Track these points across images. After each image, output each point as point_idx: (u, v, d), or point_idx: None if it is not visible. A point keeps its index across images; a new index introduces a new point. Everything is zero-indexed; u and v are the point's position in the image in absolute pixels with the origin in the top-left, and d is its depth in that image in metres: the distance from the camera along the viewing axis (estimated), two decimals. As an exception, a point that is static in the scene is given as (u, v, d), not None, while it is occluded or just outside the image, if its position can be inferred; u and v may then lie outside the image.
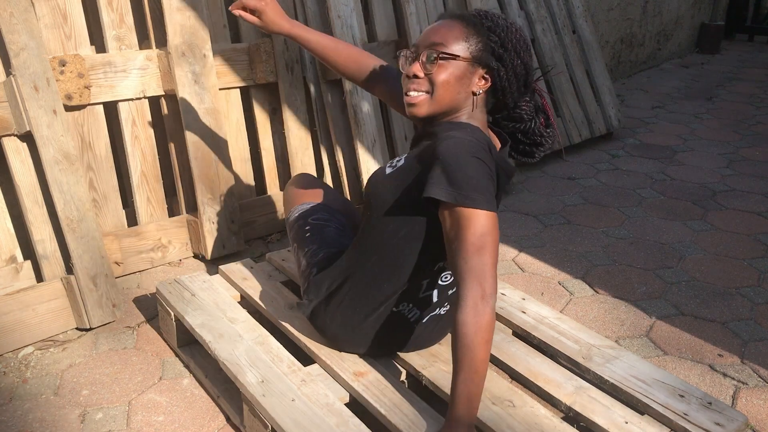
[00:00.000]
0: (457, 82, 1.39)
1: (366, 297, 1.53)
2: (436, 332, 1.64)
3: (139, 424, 1.68)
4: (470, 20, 1.40)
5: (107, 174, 2.30)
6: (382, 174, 1.50)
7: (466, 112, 1.44)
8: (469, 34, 1.39)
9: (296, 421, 1.40)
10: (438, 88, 1.38)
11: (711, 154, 3.71)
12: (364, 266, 1.51)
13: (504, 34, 1.39)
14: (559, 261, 2.52)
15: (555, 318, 1.82)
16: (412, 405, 1.46)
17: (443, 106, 1.41)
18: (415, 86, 1.40)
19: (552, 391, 1.53)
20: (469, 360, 1.24)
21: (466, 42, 1.38)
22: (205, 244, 2.42)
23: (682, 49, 6.36)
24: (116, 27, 2.26)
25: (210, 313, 1.81)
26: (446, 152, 1.33)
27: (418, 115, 1.43)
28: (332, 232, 1.74)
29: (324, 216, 1.78)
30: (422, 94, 1.40)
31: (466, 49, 1.38)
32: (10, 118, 1.98)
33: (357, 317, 1.55)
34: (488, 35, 1.39)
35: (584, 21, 3.86)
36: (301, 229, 1.75)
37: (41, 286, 2.01)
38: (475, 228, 1.28)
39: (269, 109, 2.70)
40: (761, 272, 2.43)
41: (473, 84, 1.41)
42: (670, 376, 1.57)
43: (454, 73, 1.38)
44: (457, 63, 1.38)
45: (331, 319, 1.58)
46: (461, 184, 1.30)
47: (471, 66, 1.39)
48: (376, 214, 1.48)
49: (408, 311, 1.55)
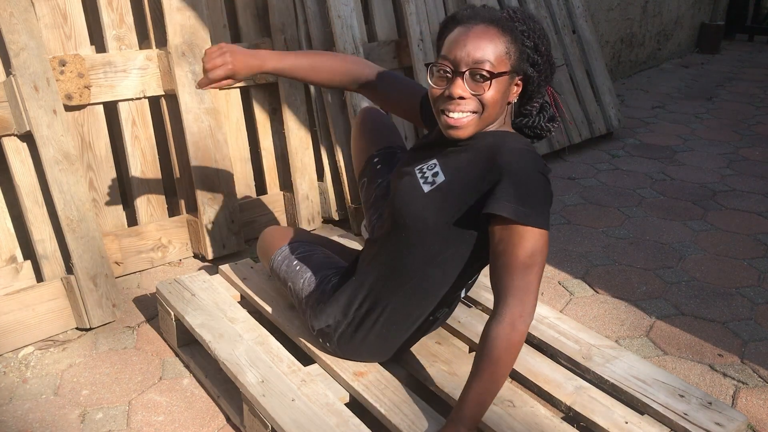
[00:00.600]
0: (502, 97, 1.32)
1: (405, 318, 1.50)
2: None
3: (139, 424, 1.68)
4: (506, 26, 1.30)
5: (107, 174, 2.30)
6: (417, 191, 1.39)
7: (499, 121, 1.38)
8: (508, 44, 1.29)
9: (296, 421, 1.40)
10: (488, 108, 1.30)
11: (711, 154, 3.71)
12: (400, 290, 1.46)
13: (537, 38, 1.33)
14: (559, 261, 2.52)
15: (555, 318, 1.82)
16: (412, 405, 1.46)
17: (488, 122, 1.35)
18: (461, 108, 1.29)
19: (552, 391, 1.53)
20: (492, 373, 1.24)
21: (508, 54, 1.29)
22: (205, 244, 2.42)
23: (682, 49, 6.36)
24: (116, 27, 2.26)
25: (210, 313, 1.81)
26: (514, 166, 1.26)
27: (461, 137, 1.33)
28: (320, 258, 1.72)
29: (306, 248, 1.77)
30: (469, 115, 1.31)
31: (508, 62, 1.29)
32: (10, 118, 1.98)
33: (394, 337, 1.54)
34: (523, 41, 1.32)
35: (584, 21, 3.86)
36: (289, 266, 1.73)
37: (41, 286, 2.01)
38: (527, 245, 1.24)
39: (269, 109, 2.70)
40: (761, 272, 2.43)
41: (511, 93, 1.36)
42: (670, 376, 1.57)
43: (501, 90, 1.30)
44: (504, 78, 1.30)
45: (362, 343, 1.55)
46: (527, 200, 1.24)
47: (511, 77, 1.32)
48: (414, 235, 1.38)
49: (440, 313, 1.56)
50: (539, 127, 1.45)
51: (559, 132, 3.57)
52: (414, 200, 1.38)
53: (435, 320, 1.57)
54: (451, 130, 1.33)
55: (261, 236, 1.90)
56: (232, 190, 2.47)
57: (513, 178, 1.26)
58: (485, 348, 1.25)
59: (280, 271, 1.76)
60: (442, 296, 1.48)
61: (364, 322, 1.52)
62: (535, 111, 1.43)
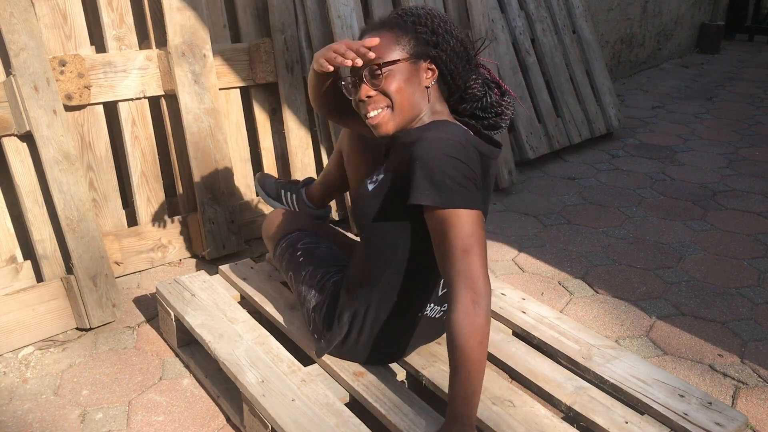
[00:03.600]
0: (408, 85, 1.38)
1: (392, 314, 1.51)
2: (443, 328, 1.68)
3: (139, 424, 1.68)
4: (393, 23, 1.41)
5: (107, 174, 2.30)
6: (365, 192, 1.47)
7: (427, 110, 1.43)
8: (398, 35, 1.39)
9: (296, 421, 1.40)
10: (394, 97, 1.37)
11: (711, 154, 3.71)
12: (377, 288, 1.49)
13: (430, 22, 1.40)
14: (559, 261, 2.52)
15: (555, 318, 1.82)
16: (412, 405, 1.46)
17: (405, 113, 1.40)
18: (372, 106, 1.39)
19: (552, 391, 1.53)
20: (464, 362, 1.24)
21: (399, 44, 1.38)
22: (204, 244, 2.42)
23: (682, 49, 6.36)
24: (116, 27, 2.26)
25: (210, 313, 1.81)
26: (422, 154, 1.31)
27: (387, 133, 1.41)
28: (324, 252, 1.73)
29: (312, 240, 1.78)
30: (382, 110, 1.40)
31: (402, 50, 1.38)
32: (10, 118, 1.98)
33: (388, 335, 1.54)
34: (416, 29, 1.40)
35: (584, 21, 3.86)
36: (292, 256, 1.74)
37: (41, 286, 2.01)
38: (458, 229, 1.27)
39: (269, 109, 2.70)
40: (761, 272, 2.43)
41: (422, 79, 1.41)
42: (670, 376, 1.57)
43: (402, 77, 1.38)
44: (400, 66, 1.38)
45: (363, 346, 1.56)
46: (441, 185, 1.28)
47: (413, 63, 1.39)
48: (371, 233, 1.46)
49: (431, 311, 1.56)
50: (492, 106, 1.48)
51: (559, 132, 3.57)
52: (363, 200, 1.47)
53: (427, 317, 1.56)
54: (375, 129, 1.42)
55: (267, 217, 1.92)
56: (232, 190, 2.47)
57: (424, 166, 1.29)
58: (450, 342, 1.25)
59: (282, 258, 1.78)
60: (416, 291, 1.49)
61: (352, 329, 1.55)
62: (479, 92, 1.47)
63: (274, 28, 2.59)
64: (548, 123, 3.53)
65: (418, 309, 1.53)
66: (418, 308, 1.53)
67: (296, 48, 2.66)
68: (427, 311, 1.55)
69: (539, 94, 3.53)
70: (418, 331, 1.59)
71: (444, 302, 1.56)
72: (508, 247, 2.63)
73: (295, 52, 2.66)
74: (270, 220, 1.91)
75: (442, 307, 1.58)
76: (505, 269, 2.46)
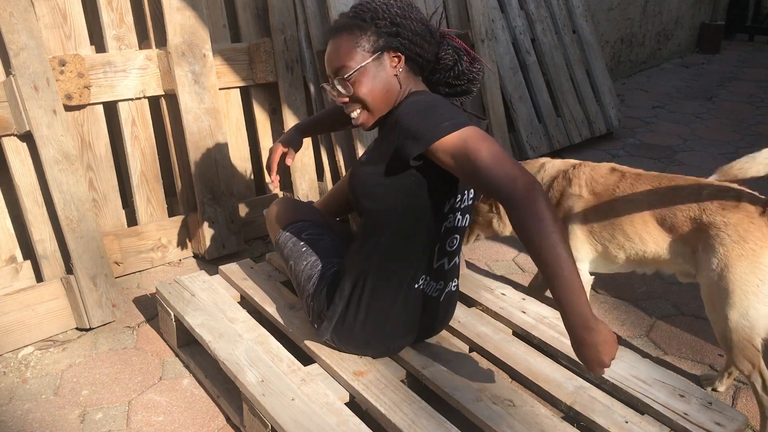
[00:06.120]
0: (377, 81, 1.44)
1: (387, 281, 1.52)
2: (450, 310, 1.69)
3: (139, 424, 1.68)
4: (352, 25, 1.44)
5: (107, 174, 2.30)
6: (357, 164, 1.54)
7: (402, 93, 1.48)
8: (358, 38, 1.43)
9: (296, 421, 1.40)
10: (367, 100, 1.44)
11: (711, 154, 3.71)
12: (374, 253, 1.50)
13: (388, 13, 1.43)
14: (559, 261, 2.51)
15: (555, 318, 1.82)
16: (411, 404, 1.46)
17: (381, 107, 1.47)
18: (351, 109, 1.48)
19: (552, 391, 1.53)
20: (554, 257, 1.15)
21: (360, 47, 1.43)
22: (205, 244, 2.42)
23: (682, 49, 6.36)
24: (116, 27, 2.26)
25: (210, 313, 1.81)
26: (401, 113, 1.37)
27: (369, 128, 1.52)
28: (328, 244, 1.74)
29: (316, 230, 1.78)
30: (359, 111, 1.48)
31: (364, 52, 1.43)
32: (10, 118, 1.98)
33: (384, 306, 1.54)
34: (375, 24, 1.43)
35: (584, 21, 3.86)
36: (295, 245, 1.75)
37: (41, 286, 2.01)
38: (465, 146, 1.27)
39: (269, 108, 2.70)
40: (761, 272, 2.43)
41: (390, 69, 1.45)
42: (670, 376, 1.56)
43: (369, 78, 1.43)
44: (365, 68, 1.43)
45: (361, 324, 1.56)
46: (425, 127, 1.31)
47: (378, 59, 1.44)
48: (367, 200, 1.48)
49: (427, 286, 1.56)
50: (464, 73, 1.53)
51: (559, 132, 3.57)
52: (356, 170, 1.52)
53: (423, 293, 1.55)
54: (359, 127, 1.52)
55: (272, 205, 1.92)
56: (232, 190, 2.47)
57: (402, 123, 1.35)
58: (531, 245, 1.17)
59: (285, 247, 1.78)
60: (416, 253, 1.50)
61: (353, 300, 1.55)
62: (450, 61, 1.52)
63: (274, 28, 2.59)
64: (548, 123, 3.53)
65: (413, 278, 1.52)
66: (413, 277, 1.52)
67: (296, 48, 2.66)
68: (421, 284, 1.54)
69: (539, 93, 3.53)
70: (417, 311, 1.57)
71: (441, 278, 1.57)
72: (508, 246, 2.63)
73: (295, 52, 2.66)
74: (275, 207, 1.91)
75: (438, 285, 1.57)
76: (505, 269, 2.45)
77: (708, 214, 1.60)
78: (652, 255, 1.72)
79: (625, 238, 1.73)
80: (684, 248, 1.65)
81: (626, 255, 1.76)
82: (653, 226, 1.69)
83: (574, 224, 1.81)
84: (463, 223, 1.58)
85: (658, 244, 1.69)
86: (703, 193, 1.64)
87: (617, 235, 1.74)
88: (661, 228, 1.68)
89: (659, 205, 1.68)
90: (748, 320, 1.53)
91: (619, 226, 1.73)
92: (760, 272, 1.52)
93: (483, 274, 2.03)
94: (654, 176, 1.75)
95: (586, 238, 1.80)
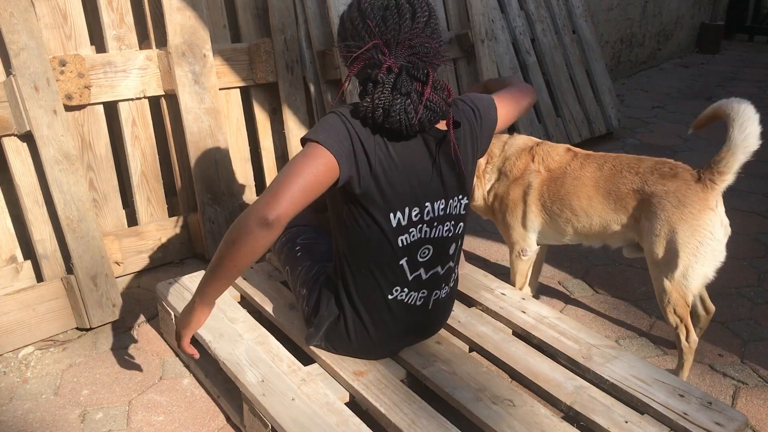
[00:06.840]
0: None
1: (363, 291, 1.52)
2: (442, 315, 1.68)
3: (139, 424, 1.68)
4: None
5: (107, 174, 2.30)
6: None
7: None
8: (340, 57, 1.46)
9: (296, 421, 1.40)
10: None
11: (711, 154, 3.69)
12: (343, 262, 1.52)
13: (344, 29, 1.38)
14: (559, 261, 2.52)
15: (555, 318, 1.82)
16: (411, 404, 1.46)
17: None
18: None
19: (552, 391, 1.53)
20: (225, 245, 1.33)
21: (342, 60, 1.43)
22: (205, 244, 2.41)
23: (682, 49, 6.36)
24: (116, 27, 2.26)
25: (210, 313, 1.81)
26: None
27: None
28: (323, 248, 1.74)
29: (312, 235, 1.79)
30: None
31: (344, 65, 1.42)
32: (10, 118, 1.98)
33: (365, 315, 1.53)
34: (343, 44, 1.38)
35: (584, 21, 3.86)
36: (291, 251, 1.76)
37: (41, 286, 2.01)
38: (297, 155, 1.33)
39: (269, 109, 2.70)
40: (761, 272, 2.43)
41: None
42: (670, 376, 1.57)
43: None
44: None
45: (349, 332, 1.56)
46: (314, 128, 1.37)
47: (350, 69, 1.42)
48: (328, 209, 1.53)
49: (407, 296, 1.54)
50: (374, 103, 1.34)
51: (559, 132, 3.57)
52: None
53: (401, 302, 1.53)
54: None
55: None
56: (232, 190, 2.47)
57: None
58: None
59: (282, 251, 1.79)
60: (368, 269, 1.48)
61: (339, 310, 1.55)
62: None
63: (274, 28, 2.59)
64: (548, 123, 3.53)
65: (384, 289, 1.51)
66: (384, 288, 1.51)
67: (296, 48, 2.66)
68: (396, 295, 1.52)
69: (539, 94, 3.53)
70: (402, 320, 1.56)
71: (422, 288, 1.55)
72: (508, 247, 2.63)
73: (295, 52, 2.66)
74: None
75: (421, 293, 1.55)
76: (505, 269, 2.45)
77: (649, 184, 1.74)
78: (598, 228, 1.85)
79: (572, 213, 1.87)
80: (628, 219, 1.79)
81: (573, 228, 1.89)
82: (598, 200, 1.82)
83: (530, 197, 1.93)
84: (439, 234, 1.52)
85: (602, 217, 1.83)
86: (642, 167, 1.78)
87: (565, 209, 1.87)
88: (606, 202, 1.81)
89: (603, 181, 1.81)
90: (686, 279, 1.70)
91: (568, 201, 1.86)
92: (698, 234, 1.67)
93: (483, 274, 2.03)
94: (600, 156, 1.88)
95: (539, 210, 1.92)
